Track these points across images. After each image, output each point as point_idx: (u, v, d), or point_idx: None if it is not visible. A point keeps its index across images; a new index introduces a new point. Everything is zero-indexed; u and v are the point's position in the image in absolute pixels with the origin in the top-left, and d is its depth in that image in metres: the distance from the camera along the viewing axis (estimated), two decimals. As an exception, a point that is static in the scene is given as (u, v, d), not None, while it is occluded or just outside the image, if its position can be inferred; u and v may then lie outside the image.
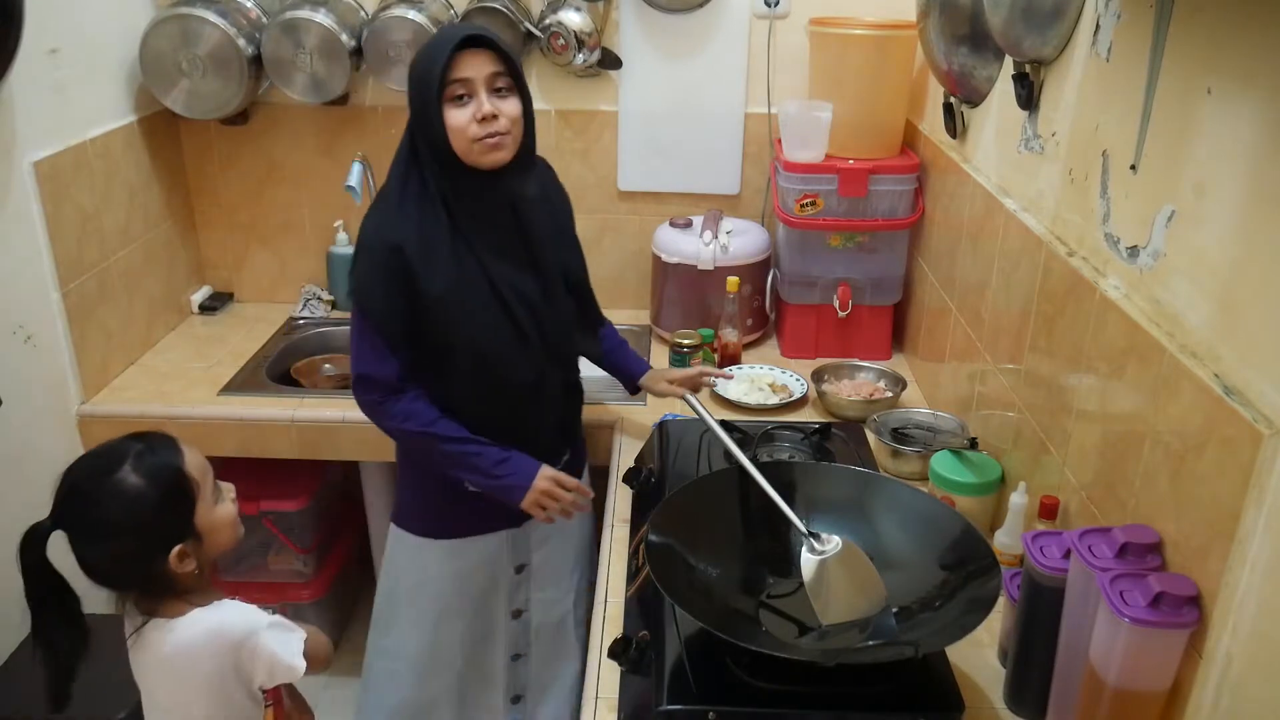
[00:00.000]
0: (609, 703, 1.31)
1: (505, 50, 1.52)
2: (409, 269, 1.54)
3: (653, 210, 2.60)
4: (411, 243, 1.54)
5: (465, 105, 1.50)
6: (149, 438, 1.36)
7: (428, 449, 1.64)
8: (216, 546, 1.40)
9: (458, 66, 1.49)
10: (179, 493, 1.33)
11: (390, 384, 1.60)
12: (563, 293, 1.72)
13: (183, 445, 1.37)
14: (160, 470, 1.32)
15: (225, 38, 2.26)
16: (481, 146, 1.52)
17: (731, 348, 2.27)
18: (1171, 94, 1.16)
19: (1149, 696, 1.07)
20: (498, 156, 1.54)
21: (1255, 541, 0.95)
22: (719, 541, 1.43)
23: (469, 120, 1.50)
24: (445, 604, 1.81)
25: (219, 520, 1.39)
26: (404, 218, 1.55)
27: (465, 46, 1.49)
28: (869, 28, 2.22)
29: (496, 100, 1.51)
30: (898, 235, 2.29)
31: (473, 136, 1.50)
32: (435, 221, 1.56)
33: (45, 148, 2.02)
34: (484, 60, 1.50)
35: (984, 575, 1.25)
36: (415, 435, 1.63)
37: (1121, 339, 1.23)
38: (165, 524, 1.32)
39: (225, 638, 1.33)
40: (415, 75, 1.54)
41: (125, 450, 1.32)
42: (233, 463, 2.43)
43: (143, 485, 1.29)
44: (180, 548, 1.32)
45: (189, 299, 2.65)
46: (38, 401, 2.03)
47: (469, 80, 1.49)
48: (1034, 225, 1.55)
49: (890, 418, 1.93)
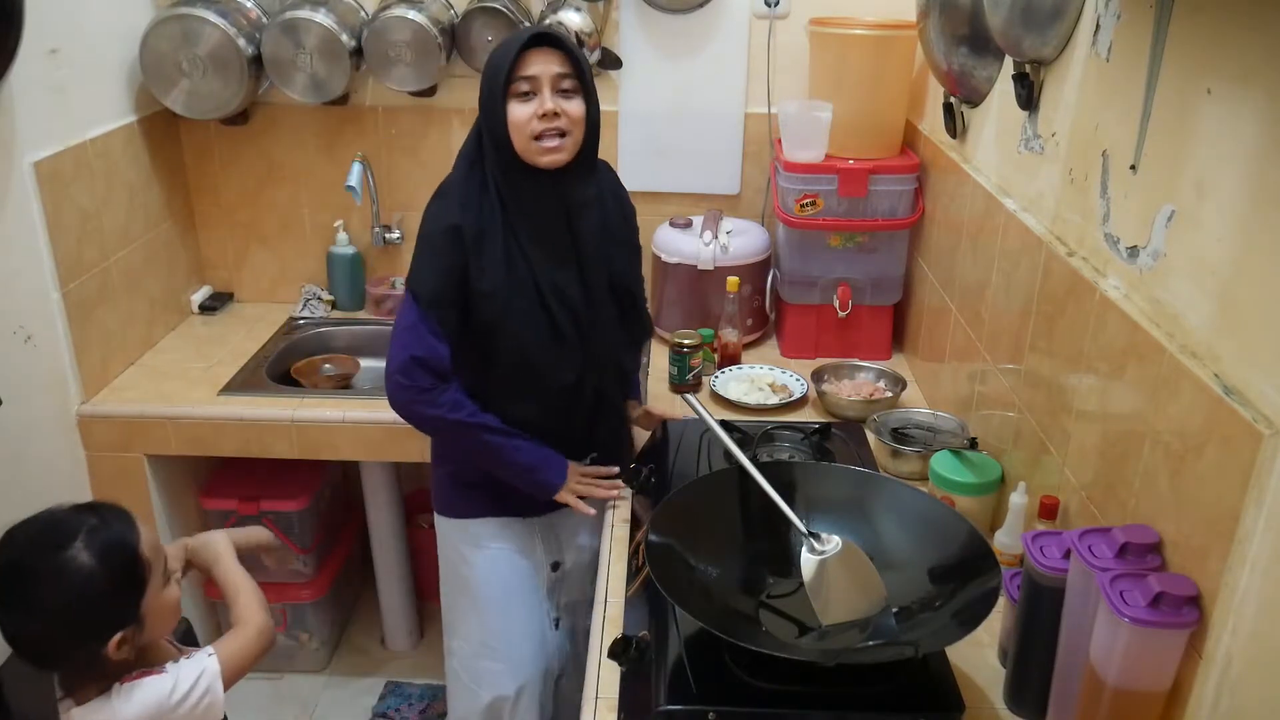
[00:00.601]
0: (609, 703, 1.31)
1: (575, 52, 1.56)
2: (464, 251, 1.57)
3: (653, 210, 2.59)
4: (469, 227, 1.57)
5: (529, 101, 1.53)
6: (102, 511, 1.24)
7: (469, 439, 1.66)
8: (156, 632, 1.29)
9: (525, 63, 1.52)
10: (130, 576, 1.21)
11: (442, 369, 1.60)
12: (606, 297, 1.71)
13: (138, 522, 1.25)
14: (113, 550, 1.20)
15: (225, 38, 2.26)
16: (539, 147, 1.55)
17: (731, 348, 2.27)
18: (1171, 94, 1.16)
19: (1149, 696, 1.07)
20: (556, 158, 1.56)
21: (1255, 541, 0.95)
22: (719, 541, 1.43)
23: (530, 116, 1.53)
24: (500, 586, 1.82)
25: (165, 604, 1.28)
26: (463, 206, 1.58)
27: (535, 45, 1.53)
28: (869, 28, 2.22)
29: (560, 100, 1.54)
30: (898, 235, 2.28)
31: (532, 132, 1.54)
32: (491, 214, 1.58)
33: (45, 148, 2.02)
34: (552, 59, 1.53)
35: (984, 575, 1.25)
36: (461, 425, 1.63)
37: (1121, 339, 1.23)
38: (112, 610, 1.20)
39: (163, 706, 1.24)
40: (487, 70, 1.58)
41: (78, 525, 1.20)
42: (233, 463, 2.44)
43: (94, 567, 1.18)
44: (121, 635, 1.21)
45: (189, 299, 2.65)
46: (38, 401, 2.03)
47: (534, 78, 1.53)
48: (1034, 225, 1.55)
49: (890, 418, 1.93)
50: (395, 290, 2.63)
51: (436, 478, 1.84)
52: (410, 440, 2.20)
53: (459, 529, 1.82)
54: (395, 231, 2.65)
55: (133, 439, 2.20)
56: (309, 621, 2.59)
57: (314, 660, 2.65)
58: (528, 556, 1.83)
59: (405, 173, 2.61)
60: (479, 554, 1.81)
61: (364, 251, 2.68)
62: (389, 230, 2.65)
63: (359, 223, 2.66)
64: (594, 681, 1.35)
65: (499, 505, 1.79)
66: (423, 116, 2.54)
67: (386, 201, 2.64)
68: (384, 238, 2.64)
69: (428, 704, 2.56)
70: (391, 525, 2.61)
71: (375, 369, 2.59)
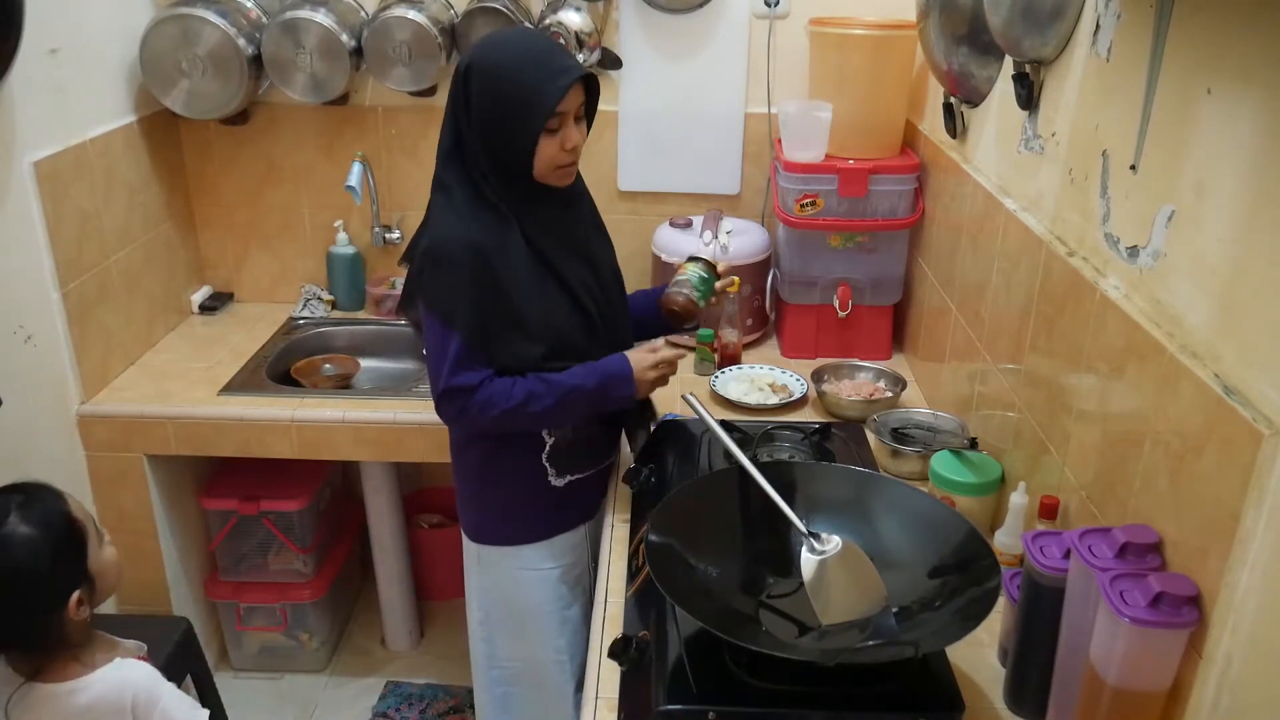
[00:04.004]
0: (609, 703, 1.31)
1: (594, 81, 1.57)
2: (490, 267, 1.55)
3: (653, 210, 2.60)
4: (489, 241, 1.56)
5: (555, 135, 1.54)
6: (26, 488, 1.33)
7: (529, 414, 1.60)
8: (106, 589, 1.37)
9: (564, 100, 1.51)
10: (70, 538, 1.30)
11: (473, 388, 1.57)
12: (612, 282, 1.76)
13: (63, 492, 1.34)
14: (49, 517, 1.29)
15: (225, 38, 2.26)
16: (560, 173, 1.58)
17: (731, 348, 2.27)
18: (1171, 94, 1.16)
19: (1149, 696, 1.07)
20: (570, 179, 1.63)
21: (1255, 541, 0.95)
22: (719, 541, 1.43)
23: (557, 150, 1.54)
24: (549, 611, 1.79)
25: (107, 563, 1.37)
26: (476, 222, 1.56)
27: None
28: (869, 28, 2.22)
29: (578, 128, 1.57)
30: (898, 235, 2.28)
31: (558, 164, 1.56)
32: (504, 223, 1.58)
33: (45, 148, 2.02)
34: (577, 93, 1.54)
35: (984, 575, 1.25)
36: (503, 416, 1.58)
37: (1121, 339, 1.23)
38: (63, 571, 1.29)
39: (128, 698, 1.30)
40: (510, 95, 1.51)
41: (6, 504, 1.29)
42: (233, 463, 2.44)
43: (33, 534, 1.26)
44: (78, 594, 1.29)
45: (189, 299, 2.65)
46: (38, 401, 2.03)
47: (564, 114, 1.53)
48: (1034, 225, 1.55)
49: (890, 418, 1.93)
50: (395, 290, 2.63)
51: (480, 505, 1.78)
52: (410, 440, 2.20)
53: (510, 556, 1.78)
54: (395, 231, 2.65)
55: (132, 439, 2.20)
56: (309, 621, 2.59)
57: (314, 660, 2.65)
58: (575, 567, 1.82)
59: (405, 173, 2.61)
60: (532, 578, 1.78)
61: (364, 251, 2.68)
62: (389, 230, 2.65)
63: (359, 223, 2.66)
64: (594, 681, 1.35)
65: (553, 525, 1.77)
66: (423, 116, 2.54)
67: (386, 201, 2.64)
68: (384, 238, 2.64)
69: (428, 704, 2.56)
70: (391, 525, 2.61)
71: (375, 369, 2.60)
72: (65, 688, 1.29)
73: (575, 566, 1.82)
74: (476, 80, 1.52)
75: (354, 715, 2.53)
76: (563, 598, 1.80)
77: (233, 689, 2.50)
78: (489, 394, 1.57)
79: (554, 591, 1.79)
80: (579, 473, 1.76)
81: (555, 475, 1.72)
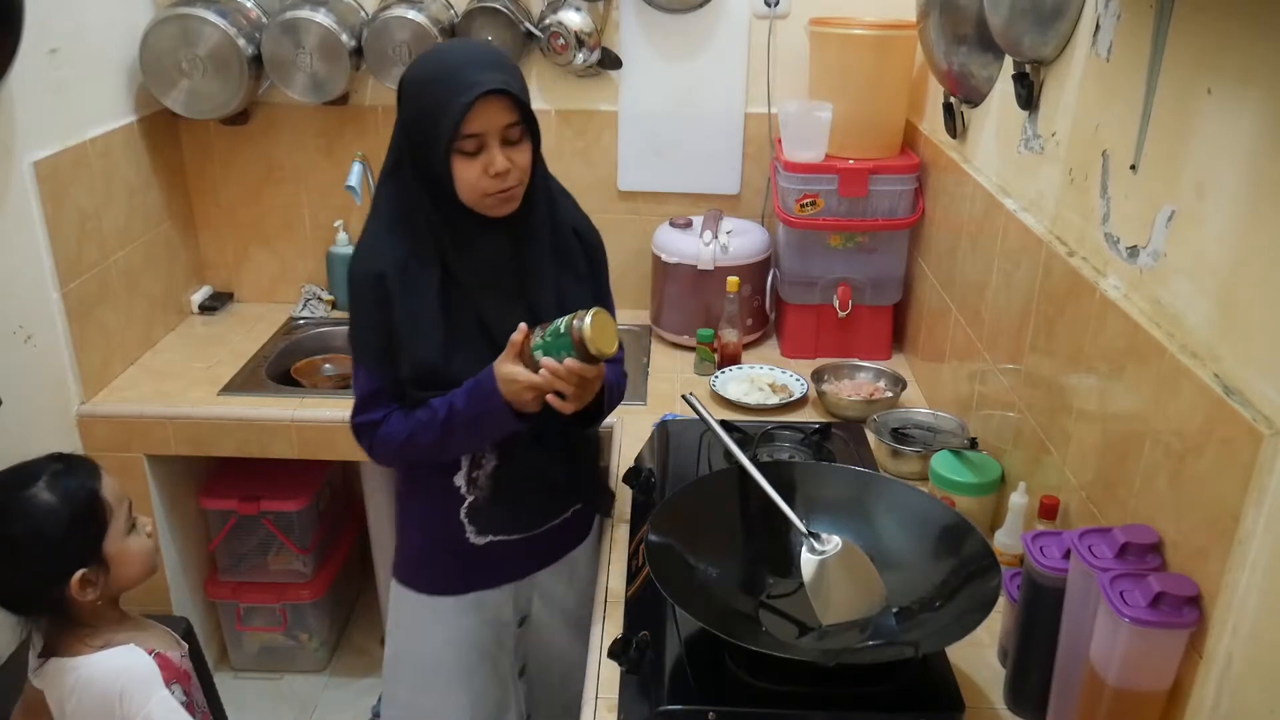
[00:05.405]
0: (609, 703, 1.31)
1: (521, 98, 1.37)
2: (389, 298, 1.41)
3: (653, 210, 2.60)
4: (396, 271, 1.41)
5: (476, 158, 1.37)
6: (70, 459, 1.35)
7: (419, 455, 1.49)
8: (125, 579, 1.37)
9: (470, 120, 1.34)
10: (90, 515, 1.31)
11: (375, 425, 1.47)
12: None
13: (103, 472, 1.35)
14: (75, 491, 1.30)
15: (225, 38, 2.26)
16: (491, 201, 1.40)
17: (731, 348, 2.27)
18: (1171, 94, 1.16)
19: (1149, 696, 1.07)
20: (507, 209, 1.43)
21: (1255, 541, 0.95)
22: (719, 541, 1.43)
23: (479, 175, 1.37)
24: (456, 666, 1.65)
25: (130, 551, 1.37)
26: (394, 250, 1.43)
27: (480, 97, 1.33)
28: (869, 28, 2.22)
29: (508, 151, 1.37)
30: (898, 235, 2.29)
31: (484, 191, 1.38)
32: (425, 252, 1.43)
33: (45, 148, 2.02)
34: (499, 111, 1.35)
35: (984, 575, 1.25)
36: (400, 449, 1.47)
37: (1121, 339, 1.23)
38: (72, 545, 1.30)
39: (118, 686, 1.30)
40: (419, 111, 1.38)
41: (42, 469, 1.32)
42: (232, 463, 2.44)
43: (55, 503, 1.28)
44: (84, 573, 1.30)
45: (189, 299, 2.65)
46: (38, 401, 2.03)
47: (481, 135, 1.36)
48: (1034, 225, 1.55)
49: (890, 418, 1.93)
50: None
51: (402, 543, 1.66)
52: (410, 440, 2.20)
53: (424, 605, 1.63)
54: (395, 231, 2.65)
55: (132, 439, 2.20)
56: (309, 621, 2.59)
57: (314, 660, 2.65)
58: (494, 625, 1.66)
59: (405, 173, 2.61)
60: (444, 631, 1.63)
61: (364, 251, 2.68)
62: (389, 230, 2.65)
63: (359, 223, 2.64)
64: (594, 681, 1.36)
65: (471, 582, 1.62)
66: (423, 116, 2.53)
67: (386, 201, 2.64)
68: (384, 238, 2.64)
69: (428, 704, 2.56)
70: (391, 525, 2.60)
71: (375, 369, 2.59)
72: (69, 663, 1.31)
73: (493, 627, 1.66)
74: (401, 96, 1.42)
75: (354, 715, 2.53)
76: (472, 660, 1.65)
77: (232, 689, 2.50)
78: (389, 429, 1.46)
79: (463, 652, 1.64)
80: (504, 535, 1.59)
81: (475, 533, 1.57)
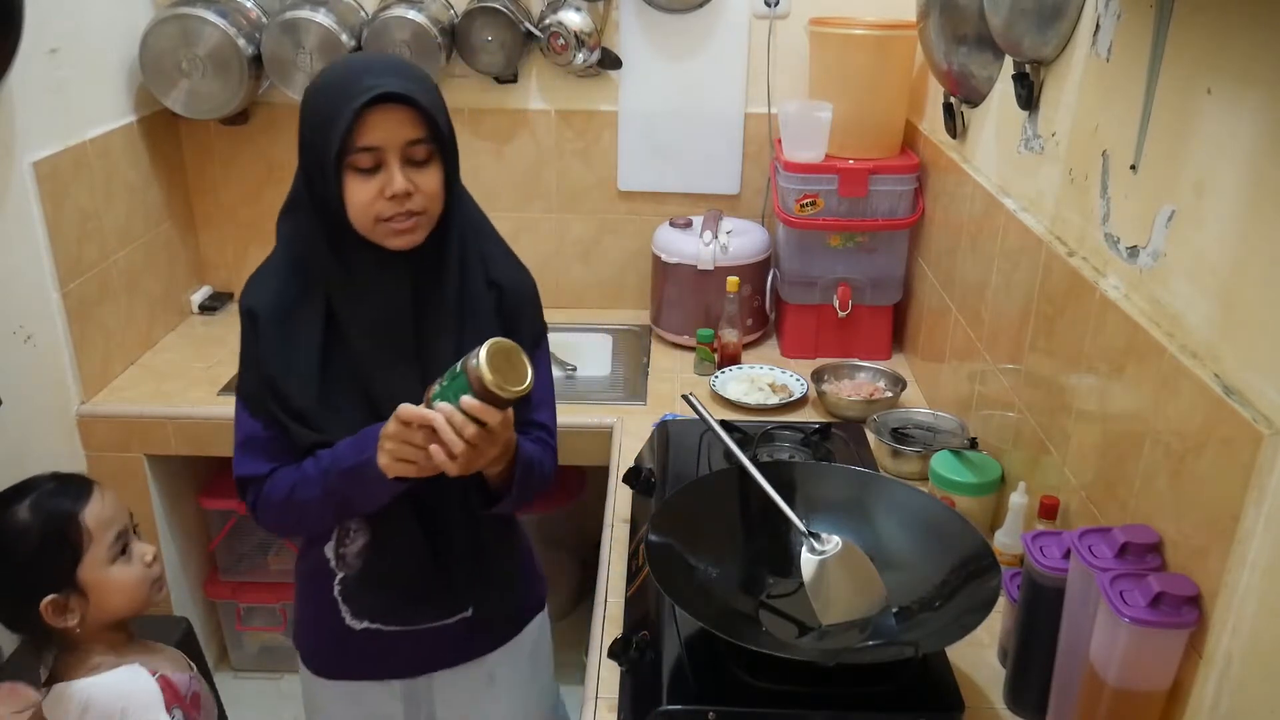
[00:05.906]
0: (609, 703, 1.31)
1: (427, 108, 1.18)
2: (265, 338, 1.27)
3: (653, 210, 2.60)
4: (276, 313, 1.27)
5: (372, 177, 1.19)
6: (65, 479, 1.32)
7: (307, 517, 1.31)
8: (109, 608, 1.31)
9: (365, 130, 1.16)
10: (61, 540, 1.28)
11: (260, 479, 1.29)
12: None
13: (99, 496, 1.31)
14: (51, 514, 1.28)
15: (225, 38, 2.26)
16: (388, 229, 1.21)
17: (731, 348, 2.27)
18: (1171, 94, 1.16)
19: (1149, 696, 1.07)
20: (408, 240, 1.23)
21: (1255, 541, 0.95)
22: (719, 541, 1.43)
23: (375, 196, 1.19)
24: None
25: (113, 581, 1.31)
26: (284, 286, 1.28)
27: (377, 103, 1.16)
28: (869, 28, 2.22)
29: (411, 172, 1.19)
30: (898, 235, 2.29)
31: (378, 215, 1.20)
32: (312, 289, 1.27)
33: (45, 148, 2.02)
34: (400, 123, 1.17)
35: (984, 575, 1.25)
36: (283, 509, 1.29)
37: (1121, 339, 1.23)
38: (39, 569, 1.27)
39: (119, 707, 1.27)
40: (311, 119, 1.22)
41: (36, 487, 1.30)
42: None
43: (28, 524, 1.26)
44: (54, 598, 1.26)
45: (189, 299, 2.65)
46: (38, 401, 2.03)
47: (378, 149, 1.18)
48: (1034, 225, 1.55)
49: (890, 418, 1.93)
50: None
51: (295, 606, 1.50)
52: (410, 440, 2.20)
53: (309, 679, 1.49)
54: (395, 231, 2.65)
55: (132, 439, 2.20)
56: (309, 621, 2.59)
57: (314, 660, 2.64)
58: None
59: (405, 173, 2.61)
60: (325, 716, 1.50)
61: (364, 251, 2.68)
62: (389, 230, 2.65)
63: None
64: (594, 681, 1.36)
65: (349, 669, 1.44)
66: (423, 116, 2.53)
67: (386, 201, 2.64)
68: (384, 238, 2.64)
69: (428, 704, 2.56)
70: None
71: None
72: (71, 688, 1.29)
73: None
74: (301, 110, 1.25)
75: (354, 715, 2.53)
76: None
77: (233, 689, 2.50)
78: (272, 484, 1.28)
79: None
80: (384, 624, 1.39)
81: (350, 615, 1.38)
